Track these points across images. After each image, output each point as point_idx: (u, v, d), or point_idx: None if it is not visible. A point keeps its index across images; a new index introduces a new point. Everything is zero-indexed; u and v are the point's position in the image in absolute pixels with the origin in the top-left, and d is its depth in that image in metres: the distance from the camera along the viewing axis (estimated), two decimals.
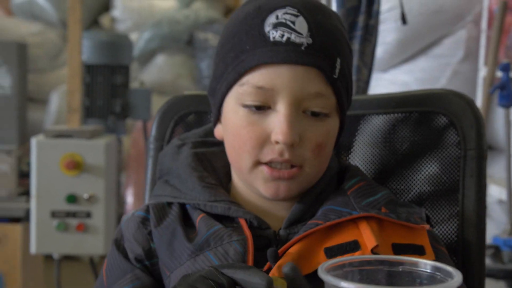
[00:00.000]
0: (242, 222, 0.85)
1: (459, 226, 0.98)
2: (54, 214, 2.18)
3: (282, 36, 0.81)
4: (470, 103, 1.01)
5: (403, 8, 1.69)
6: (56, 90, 4.35)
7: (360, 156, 1.04)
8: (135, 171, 3.86)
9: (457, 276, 0.52)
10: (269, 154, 0.83)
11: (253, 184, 0.87)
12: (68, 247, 2.21)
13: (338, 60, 0.83)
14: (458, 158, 0.99)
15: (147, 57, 4.45)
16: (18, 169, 2.55)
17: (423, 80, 2.85)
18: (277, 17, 0.82)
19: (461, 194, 0.99)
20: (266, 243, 0.85)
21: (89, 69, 2.51)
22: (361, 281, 0.55)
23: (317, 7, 0.84)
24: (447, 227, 0.99)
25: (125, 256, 0.91)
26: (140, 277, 0.88)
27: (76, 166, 2.16)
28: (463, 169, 0.99)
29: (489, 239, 2.23)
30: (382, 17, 2.75)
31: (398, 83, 2.90)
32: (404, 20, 1.69)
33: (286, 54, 0.80)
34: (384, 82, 2.96)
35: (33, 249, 2.22)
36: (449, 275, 0.53)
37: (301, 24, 0.81)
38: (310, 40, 0.81)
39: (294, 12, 0.82)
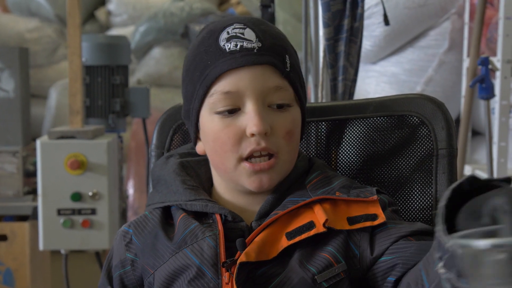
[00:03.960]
0: (218, 218, 0.96)
1: (432, 217, 1.07)
2: (60, 212, 2.25)
3: (236, 45, 0.94)
4: (441, 106, 1.10)
5: (385, 9, 1.77)
6: (55, 85, 4.39)
7: (346, 155, 1.13)
8: (135, 162, 3.92)
9: None
10: (248, 147, 0.94)
11: (239, 181, 0.97)
12: (74, 243, 2.27)
13: (287, 57, 0.96)
14: (431, 157, 1.08)
15: (144, 50, 4.49)
16: (23, 169, 2.61)
17: (411, 71, 2.92)
18: (228, 33, 0.95)
19: (434, 189, 1.08)
20: (240, 234, 0.96)
21: (89, 70, 2.57)
22: None
23: (260, 21, 0.99)
24: (422, 217, 1.08)
25: (107, 274, 1.04)
26: None
27: (80, 165, 2.22)
28: (436, 166, 1.08)
29: None
30: (370, 11, 2.82)
31: (387, 74, 2.97)
32: (386, 21, 1.77)
33: (242, 59, 0.93)
34: (375, 74, 3.02)
35: (41, 246, 2.28)
36: None
37: (249, 33, 0.95)
38: (259, 44, 0.94)
39: (241, 26, 0.95)
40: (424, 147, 1.09)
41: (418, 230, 0.93)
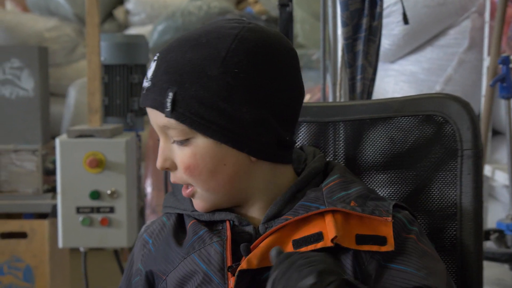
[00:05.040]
0: (227, 224, 0.96)
1: (457, 220, 1.05)
2: (79, 210, 2.27)
3: (144, 83, 0.95)
4: (466, 106, 1.07)
5: (404, 8, 1.76)
6: (73, 84, 4.42)
7: (367, 156, 1.11)
8: (154, 161, 3.94)
9: None
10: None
11: None
12: (93, 241, 2.29)
13: (170, 94, 0.91)
14: (456, 157, 1.06)
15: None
16: (43, 167, 2.63)
17: (430, 70, 2.91)
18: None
19: (459, 191, 1.05)
20: (248, 237, 0.95)
21: (107, 69, 2.59)
22: None
23: (180, 44, 0.93)
24: (447, 221, 1.06)
25: (128, 279, 1.05)
26: None
27: (99, 164, 2.24)
28: (461, 167, 1.06)
29: (495, 222, 2.29)
30: (389, 10, 2.81)
31: (406, 74, 2.96)
32: (405, 20, 1.76)
33: (140, 98, 0.96)
34: (393, 73, 3.01)
35: (60, 243, 2.30)
36: None
37: (152, 69, 0.93)
38: (150, 83, 0.93)
39: (156, 57, 0.94)
40: (449, 148, 1.07)
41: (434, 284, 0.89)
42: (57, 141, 2.27)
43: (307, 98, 3.11)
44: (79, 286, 2.66)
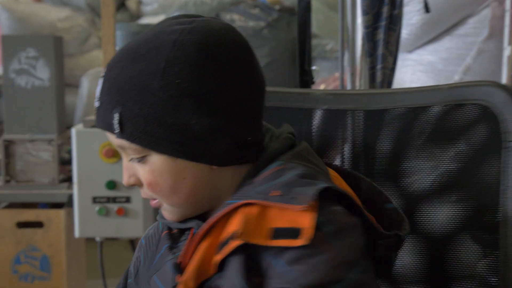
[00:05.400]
0: (191, 233, 0.91)
1: (501, 216, 1.00)
2: (95, 200, 2.27)
3: (95, 102, 0.91)
4: None
5: None
6: (86, 74, 4.42)
7: (403, 146, 1.07)
8: None
9: None
10: None
11: None
12: (109, 230, 2.30)
13: (116, 115, 0.86)
14: (499, 149, 1.00)
15: None
16: (59, 157, 2.63)
17: (448, 60, 2.88)
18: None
19: (502, 185, 0.99)
20: None
21: None
22: None
23: (121, 58, 0.88)
24: (488, 216, 1.01)
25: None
26: None
27: (115, 153, 2.24)
28: (504, 160, 1.00)
29: None
30: None
31: (424, 63, 2.93)
32: (427, 8, 1.74)
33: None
34: (411, 63, 2.98)
35: (76, 233, 2.31)
36: None
37: (99, 87, 0.89)
38: (98, 103, 0.89)
39: (102, 74, 0.90)
40: (492, 139, 1.01)
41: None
42: (73, 131, 2.27)
43: (321, 88, 3.08)
44: (95, 275, 2.67)
